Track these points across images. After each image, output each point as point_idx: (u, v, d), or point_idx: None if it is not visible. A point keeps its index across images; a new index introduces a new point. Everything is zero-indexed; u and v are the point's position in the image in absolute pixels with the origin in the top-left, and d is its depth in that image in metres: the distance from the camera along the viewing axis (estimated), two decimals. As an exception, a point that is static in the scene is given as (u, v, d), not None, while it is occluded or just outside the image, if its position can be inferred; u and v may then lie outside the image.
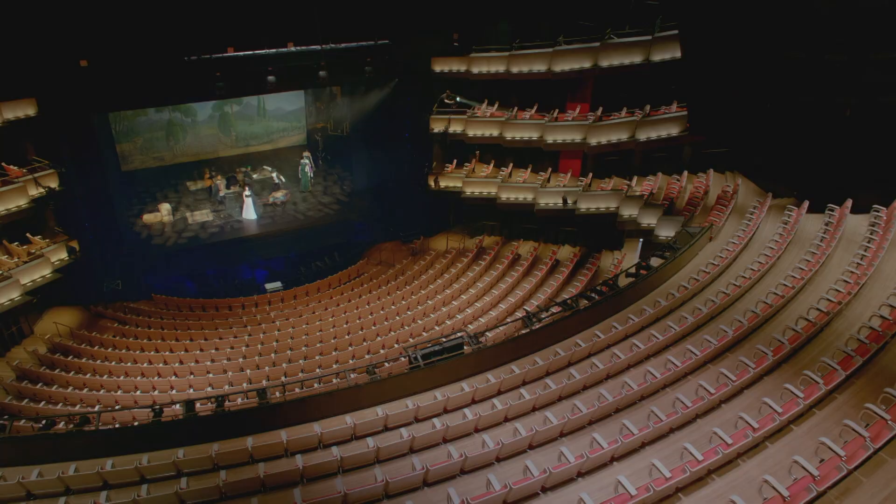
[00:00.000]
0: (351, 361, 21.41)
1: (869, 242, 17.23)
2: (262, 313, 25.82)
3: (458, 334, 15.55)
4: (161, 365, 21.42)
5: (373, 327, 24.14)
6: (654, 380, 12.72)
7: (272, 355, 21.78)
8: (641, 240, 26.94)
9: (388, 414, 12.89)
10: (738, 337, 14.14)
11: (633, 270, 18.22)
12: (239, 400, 16.92)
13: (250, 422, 13.47)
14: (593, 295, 17.19)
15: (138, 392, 19.92)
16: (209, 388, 20.01)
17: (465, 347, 15.23)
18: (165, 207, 30.33)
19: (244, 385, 19.92)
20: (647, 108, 24.46)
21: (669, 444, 11.25)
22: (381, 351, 22.36)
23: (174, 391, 20.01)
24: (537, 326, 15.71)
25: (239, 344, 23.00)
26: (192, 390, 20.11)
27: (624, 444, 10.75)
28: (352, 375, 14.80)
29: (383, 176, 31.70)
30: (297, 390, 16.86)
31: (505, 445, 11.19)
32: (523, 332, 15.42)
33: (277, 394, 19.14)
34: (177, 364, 21.62)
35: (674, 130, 23.85)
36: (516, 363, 15.23)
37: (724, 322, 15.25)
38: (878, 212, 18.71)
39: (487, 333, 22.12)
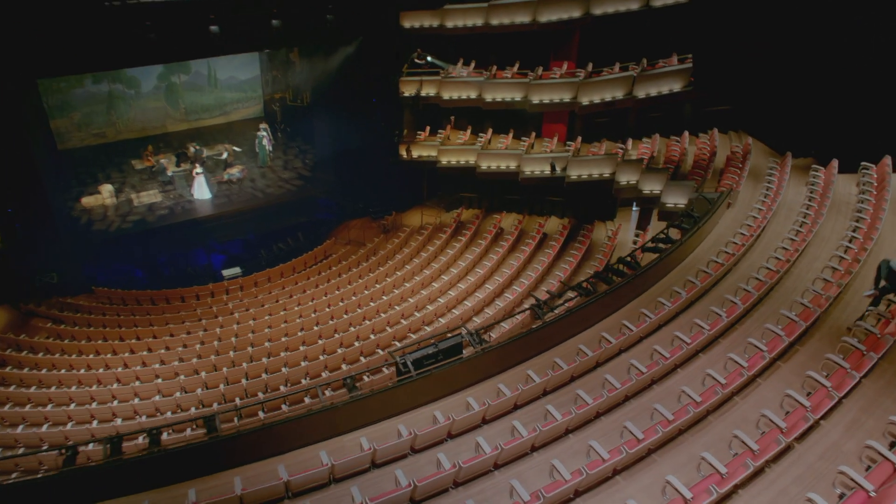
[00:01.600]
0: (322, 358, 17.86)
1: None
2: (218, 304, 22.01)
3: (455, 332, 12.04)
4: (101, 371, 17.65)
5: (344, 316, 20.59)
6: (720, 388, 9.41)
7: (230, 354, 18.16)
8: (637, 208, 23.78)
9: (375, 447, 9.34)
10: (807, 325, 10.90)
11: (651, 245, 14.88)
12: (190, 431, 13.33)
13: (194, 463, 9.81)
14: (612, 276, 13.83)
15: (73, 405, 16.14)
16: (157, 398, 16.29)
17: (464, 348, 11.78)
18: (107, 189, 26.04)
19: (198, 391, 16.26)
20: (644, 61, 20.99)
21: (770, 486, 7.94)
22: (356, 343, 18.84)
23: (115, 402, 16.22)
24: (551, 318, 12.27)
25: (193, 341, 19.29)
26: (137, 400, 16.37)
27: (716, 496, 7.40)
28: (327, 379, 11.26)
29: (349, 147, 27.73)
30: (259, 397, 13.26)
31: (545, 497, 7.76)
32: (534, 326, 11.98)
33: (238, 400, 15.62)
34: (120, 369, 17.87)
35: (676, 86, 20.41)
36: (530, 364, 11.82)
37: (781, 304, 12.03)
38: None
39: (476, 320, 18.73)
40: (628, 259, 14.17)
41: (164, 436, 11.75)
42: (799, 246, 13.70)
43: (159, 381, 17.03)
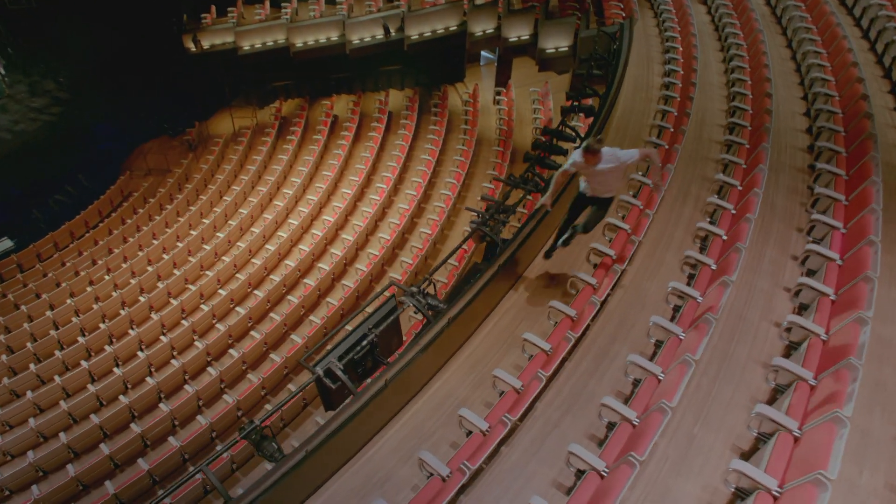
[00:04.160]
0: (163, 340, 12.69)
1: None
2: (-7, 298, 15.47)
3: (384, 296, 7.50)
4: None
5: (175, 273, 15.14)
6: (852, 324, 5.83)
7: (32, 368, 12.46)
8: (484, 63, 19.68)
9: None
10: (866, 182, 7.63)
11: (575, 104, 10.84)
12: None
13: None
14: (546, 156, 9.74)
15: None
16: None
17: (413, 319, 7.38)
18: None
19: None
20: None
21: None
22: (203, 307, 13.73)
23: None
24: (509, 241, 8.05)
25: (-31, 363, 13.14)
26: None
27: None
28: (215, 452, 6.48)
29: (114, 50, 20.42)
30: None
31: None
32: (502, 260, 7.69)
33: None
34: None
35: None
36: (505, 311, 7.69)
37: (782, 157, 8.75)
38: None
39: (346, 236, 14.19)
40: (560, 129, 10.10)
41: None
42: (761, 75, 10.31)
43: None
